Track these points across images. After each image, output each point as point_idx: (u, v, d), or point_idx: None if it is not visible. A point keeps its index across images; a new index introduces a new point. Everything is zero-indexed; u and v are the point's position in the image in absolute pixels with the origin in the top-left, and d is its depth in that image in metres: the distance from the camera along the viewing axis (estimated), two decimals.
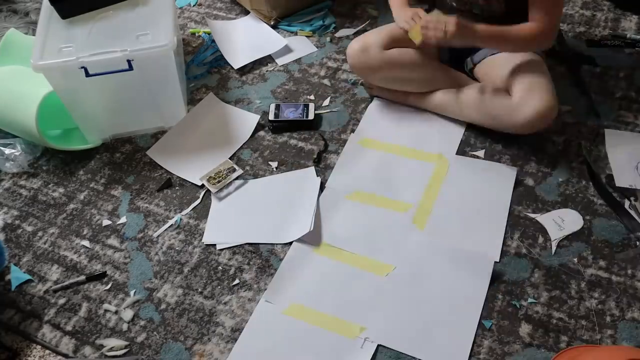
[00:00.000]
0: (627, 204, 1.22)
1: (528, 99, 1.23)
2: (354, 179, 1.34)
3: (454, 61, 1.47)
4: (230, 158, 1.41)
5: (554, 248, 1.17)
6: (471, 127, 1.40)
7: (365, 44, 1.38)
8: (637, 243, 1.16)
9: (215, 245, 1.25)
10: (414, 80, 1.42)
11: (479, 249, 1.17)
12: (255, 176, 1.38)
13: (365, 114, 1.49)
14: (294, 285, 1.16)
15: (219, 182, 1.34)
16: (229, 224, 1.29)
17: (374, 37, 1.39)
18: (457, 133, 1.41)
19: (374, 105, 1.51)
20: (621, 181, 1.26)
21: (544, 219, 1.22)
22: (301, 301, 1.14)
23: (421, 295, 1.12)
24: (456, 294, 1.12)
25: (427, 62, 1.41)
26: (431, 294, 1.12)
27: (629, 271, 1.13)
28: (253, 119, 1.50)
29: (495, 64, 1.35)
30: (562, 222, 1.21)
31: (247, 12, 1.86)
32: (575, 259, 1.15)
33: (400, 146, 1.40)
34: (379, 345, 1.06)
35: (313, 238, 1.22)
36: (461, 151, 1.37)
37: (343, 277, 1.17)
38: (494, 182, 1.29)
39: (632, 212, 1.20)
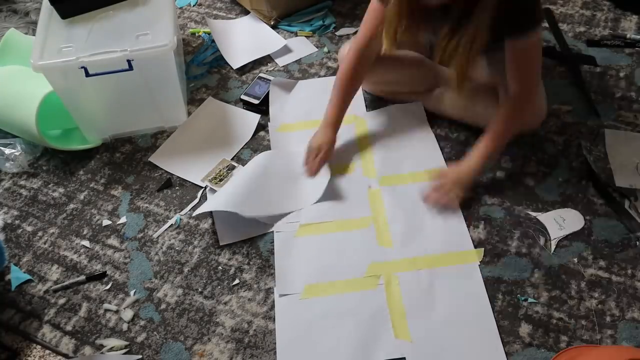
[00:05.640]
0: (627, 204, 1.22)
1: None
2: (300, 159, 1.37)
3: None
4: (231, 159, 1.41)
5: (553, 247, 1.17)
6: (471, 128, 1.40)
7: None
8: (637, 243, 1.16)
9: (215, 244, 1.25)
10: (406, 82, 1.43)
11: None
12: None
13: (270, 100, 1.53)
14: (296, 271, 1.18)
15: (220, 180, 1.34)
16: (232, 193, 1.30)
17: None
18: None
19: (273, 89, 1.55)
20: (621, 181, 1.26)
21: (544, 218, 1.22)
22: (312, 280, 1.16)
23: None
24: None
25: (419, 62, 1.41)
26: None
27: (629, 271, 1.13)
28: (254, 119, 1.50)
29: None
30: (562, 222, 1.21)
31: (247, 12, 1.86)
32: (575, 259, 1.15)
33: (316, 120, 1.43)
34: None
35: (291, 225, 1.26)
36: (373, 108, 1.50)
37: (335, 244, 1.22)
38: (410, 118, 1.45)
39: (632, 212, 1.20)
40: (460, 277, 1.13)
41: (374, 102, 1.51)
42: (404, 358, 1.04)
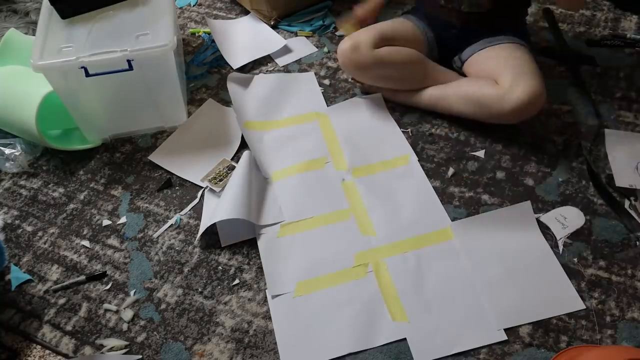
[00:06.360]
0: (627, 204, 1.22)
1: (517, 85, 1.24)
2: (271, 160, 1.39)
3: (443, 60, 1.47)
4: (231, 158, 1.41)
5: (561, 247, 1.17)
6: (470, 128, 1.40)
7: (355, 42, 1.38)
8: (637, 243, 1.16)
9: (215, 244, 1.25)
10: (404, 78, 1.42)
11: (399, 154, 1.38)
12: None
13: (232, 98, 1.55)
14: (285, 270, 1.18)
15: (220, 180, 1.34)
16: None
17: (364, 35, 1.39)
18: (314, 86, 1.57)
19: (230, 85, 1.58)
20: (621, 181, 1.27)
21: (546, 218, 1.22)
22: (302, 277, 1.16)
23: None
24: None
25: (418, 60, 1.41)
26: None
27: (629, 271, 1.13)
28: None
29: (483, 59, 1.37)
30: (564, 220, 1.20)
31: (247, 12, 1.86)
32: (575, 259, 1.15)
33: (281, 120, 1.49)
34: (382, 346, 1.06)
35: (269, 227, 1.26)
36: (333, 103, 1.53)
37: (319, 239, 1.23)
38: (370, 109, 1.48)
39: (632, 212, 1.20)
40: (445, 253, 1.17)
41: (334, 97, 1.52)
42: (404, 339, 1.05)
